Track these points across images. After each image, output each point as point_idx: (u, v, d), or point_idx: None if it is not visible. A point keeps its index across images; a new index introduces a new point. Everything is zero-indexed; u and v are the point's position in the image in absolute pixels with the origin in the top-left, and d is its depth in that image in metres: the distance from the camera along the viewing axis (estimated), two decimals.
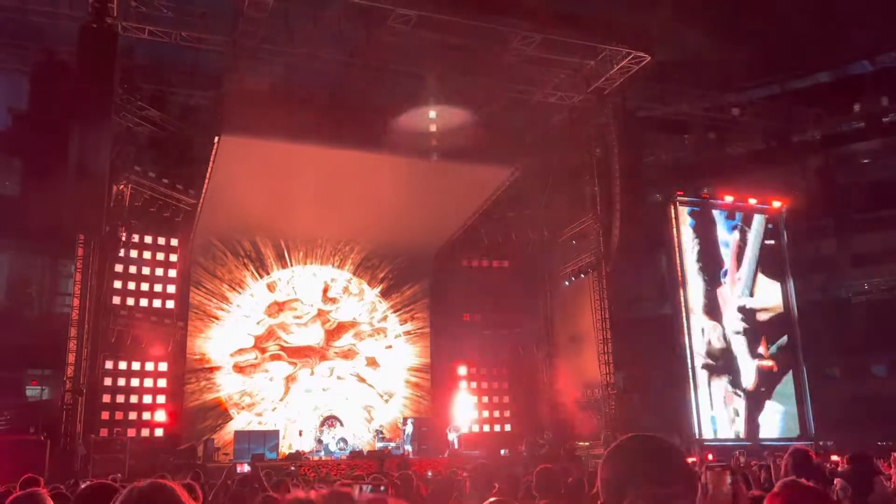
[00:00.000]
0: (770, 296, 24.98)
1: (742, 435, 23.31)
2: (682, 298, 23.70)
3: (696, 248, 24.35)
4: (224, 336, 23.60)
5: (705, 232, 24.55)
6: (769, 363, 24.15)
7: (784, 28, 25.17)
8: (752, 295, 24.51)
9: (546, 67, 22.19)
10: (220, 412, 22.99)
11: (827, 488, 4.66)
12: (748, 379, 23.88)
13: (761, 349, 24.25)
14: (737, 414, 23.57)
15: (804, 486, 2.87)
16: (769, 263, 25.15)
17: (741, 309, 24.20)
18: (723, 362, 23.77)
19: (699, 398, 22.97)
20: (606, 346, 21.88)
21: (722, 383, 23.57)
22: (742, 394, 23.72)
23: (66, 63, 18.79)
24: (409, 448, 21.92)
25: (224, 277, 23.90)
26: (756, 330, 24.35)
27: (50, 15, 18.93)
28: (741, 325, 24.10)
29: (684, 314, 23.54)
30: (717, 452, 20.27)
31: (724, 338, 23.92)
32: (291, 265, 24.96)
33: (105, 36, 17.50)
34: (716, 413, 23.19)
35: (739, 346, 24.05)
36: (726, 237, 24.81)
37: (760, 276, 24.83)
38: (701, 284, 24.15)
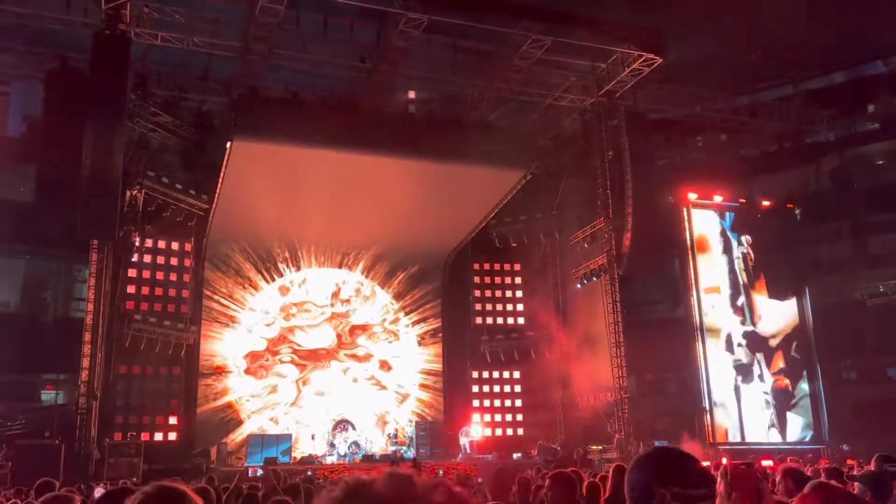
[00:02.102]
0: (776, 318, 24.68)
1: (779, 438, 23.26)
2: (695, 301, 23.56)
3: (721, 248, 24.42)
4: (237, 339, 23.69)
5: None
6: (786, 381, 23.95)
7: (797, 28, 25.02)
8: (754, 323, 24.24)
9: (557, 70, 22.19)
10: (232, 416, 23.07)
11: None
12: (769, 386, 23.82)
13: (780, 363, 24.10)
14: (769, 412, 23.48)
15: (834, 488, 2.85)
16: (776, 277, 24.92)
17: (747, 335, 24.02)
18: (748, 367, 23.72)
19: (713, 401, 22.82)
20: (619, 349, 21.77)
21: (753, 387, 23.46)
22: (770, 394, 23.63)
23: (80, 69, 18.90)
24: (414, 451, 21.90)
25: (237, 281, 23.99)
26: (769, 350, 24.19)
27: (64, 22, 19.04)
28: (752, 350, 23.94)
29: (697, 317, 23.40)
30: (731, 456, 20.12)
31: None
32: (304, 268, 25.01)
33: (118, 42, 17.65)
34: (748, 417, 23.07)
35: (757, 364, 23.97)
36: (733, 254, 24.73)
37: (760, 301, 24.58)
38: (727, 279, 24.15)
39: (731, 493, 2.67)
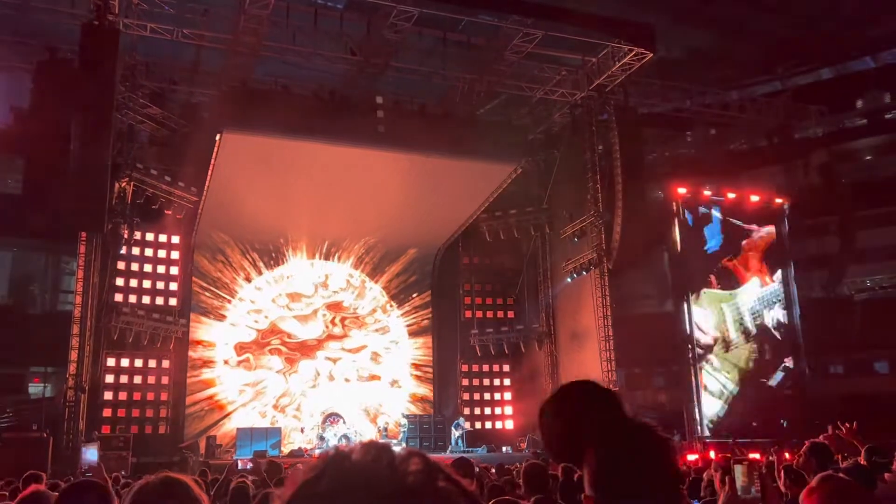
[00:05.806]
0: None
1: None
2: (684, 295, 23.68)
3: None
4: (226, 332, 23.63)
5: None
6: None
7: (786, 24, 25.10)
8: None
9: (548, 65, 22.19)
10: (221, 408, 23.03)
11: None
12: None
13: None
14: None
15: (842, 480, 2.85)
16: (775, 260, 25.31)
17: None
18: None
19: (701, 395, 22.96)
20: (608, 343, 21.86)
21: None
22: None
23: (69, 61, 18.77)
24: (405, 445, 21.94)
25: (226, 274, 23.93)
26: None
27: (52, 13, 18.89)
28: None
29: (686, 311, 23.52)
30: (718, 449, 20.25)
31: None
32: (293, 259, 24.97)
33: (107, 33, 17.51)
34: None
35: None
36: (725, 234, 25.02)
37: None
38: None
39: (735, 489, 2.67)
